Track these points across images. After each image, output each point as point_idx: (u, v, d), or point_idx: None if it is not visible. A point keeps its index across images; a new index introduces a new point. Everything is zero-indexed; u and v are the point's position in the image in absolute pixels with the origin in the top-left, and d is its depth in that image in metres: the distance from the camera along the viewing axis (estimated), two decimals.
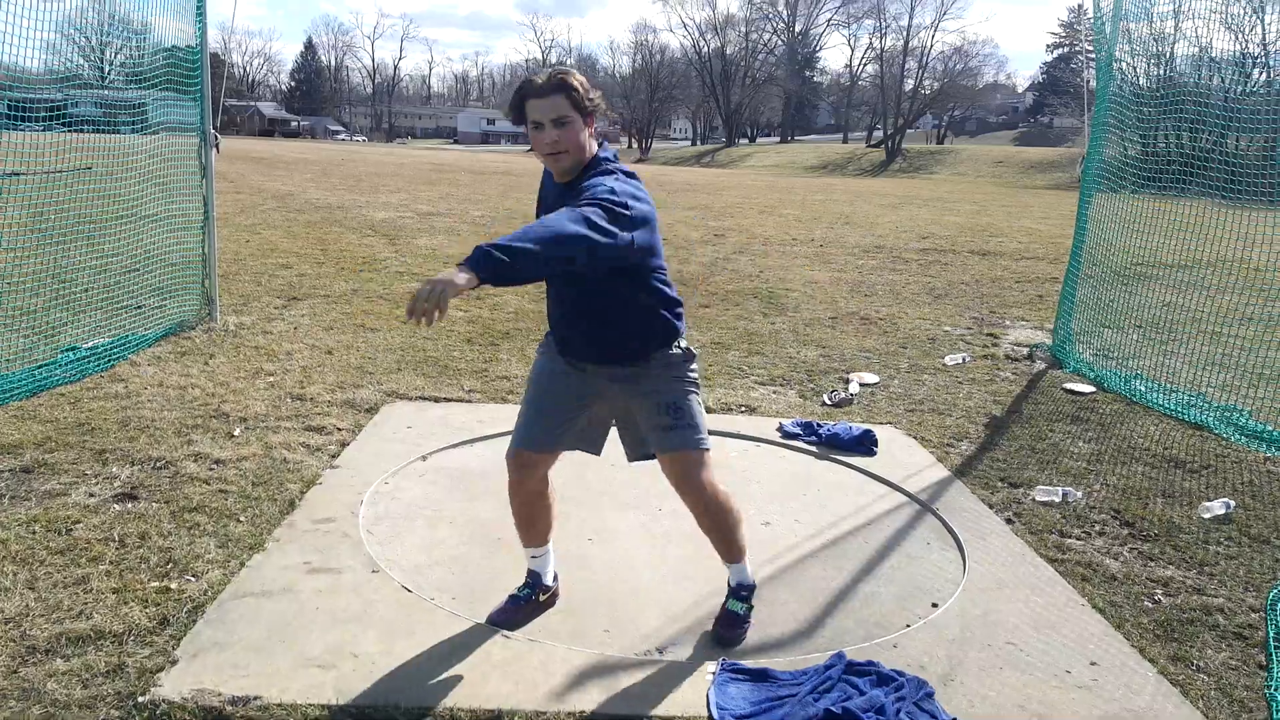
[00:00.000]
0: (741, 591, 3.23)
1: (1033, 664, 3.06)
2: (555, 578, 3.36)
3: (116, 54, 7.78)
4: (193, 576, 3.35)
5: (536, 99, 2.77)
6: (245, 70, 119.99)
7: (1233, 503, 4.53)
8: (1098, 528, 4.26)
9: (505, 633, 3.08)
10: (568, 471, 4.54)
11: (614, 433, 5.18)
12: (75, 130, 6.38)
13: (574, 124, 2.77)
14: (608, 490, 4.39)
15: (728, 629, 3.17)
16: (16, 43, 5.07)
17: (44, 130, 6.22)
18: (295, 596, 3.25)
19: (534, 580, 3.29)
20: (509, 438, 5.04)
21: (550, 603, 3.31)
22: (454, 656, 2.94)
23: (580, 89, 2.78)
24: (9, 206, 6.34)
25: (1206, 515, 4.41)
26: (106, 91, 7.35)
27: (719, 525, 3.16)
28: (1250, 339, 6.96)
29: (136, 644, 2.90)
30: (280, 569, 3.44)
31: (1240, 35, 7.74)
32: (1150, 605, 3.55)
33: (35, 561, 3.39)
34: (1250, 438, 5.59)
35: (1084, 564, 3.86)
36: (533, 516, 3.25)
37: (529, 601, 3.24)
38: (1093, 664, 3.08)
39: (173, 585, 3.27)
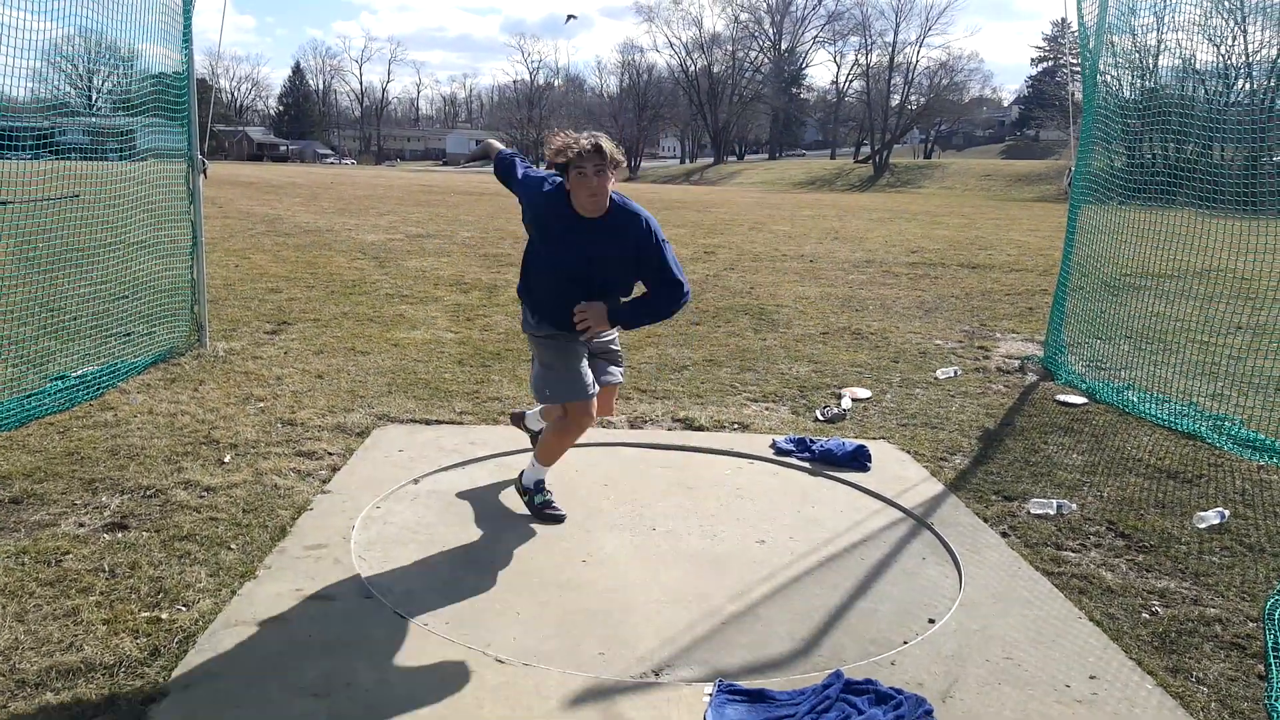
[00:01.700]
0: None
1: (1031, 679, 3.04)
2: None
3: (104, 81, 7.79)
4: (184, 606, 3.32)
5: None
6: (233, 95, 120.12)
7: (1227, 512, 4.53)
8: (1093, 539, 4.26)
9: (499, 657, 3.06)
10: (558, 492, 4.54)
11: (604, 453, 5.19)
12: (63, 158, 6.37)
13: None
14: (599, 511, 4.37)
15: None
16: (3, 71, 5.06)
17: (32, 158, 6.20)
18: (287, 624, 3.22)
19: None
20: (500, 459, 5.09)
21: None
22: (448, 682, 2.91)
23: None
24: None
25: (1201, 525, 4.41)
26: (94, 119, 7.35)
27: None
28: (1240, 347, 6.98)
29: (128, 676, 2.87)
30: (272, 596, 3.41)
31: (1222, 47, 7.80)
32: (1148, 617, 3.54)
33: (25, 593, 3.35)
34: (1243, 446, 5.59)
35: (1080, 576, 3.85)
36: None
37: None
38: (1092, 677, 3.07)
39: (164, 615, 3.24)
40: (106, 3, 5.98)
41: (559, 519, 4.25)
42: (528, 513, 4.30)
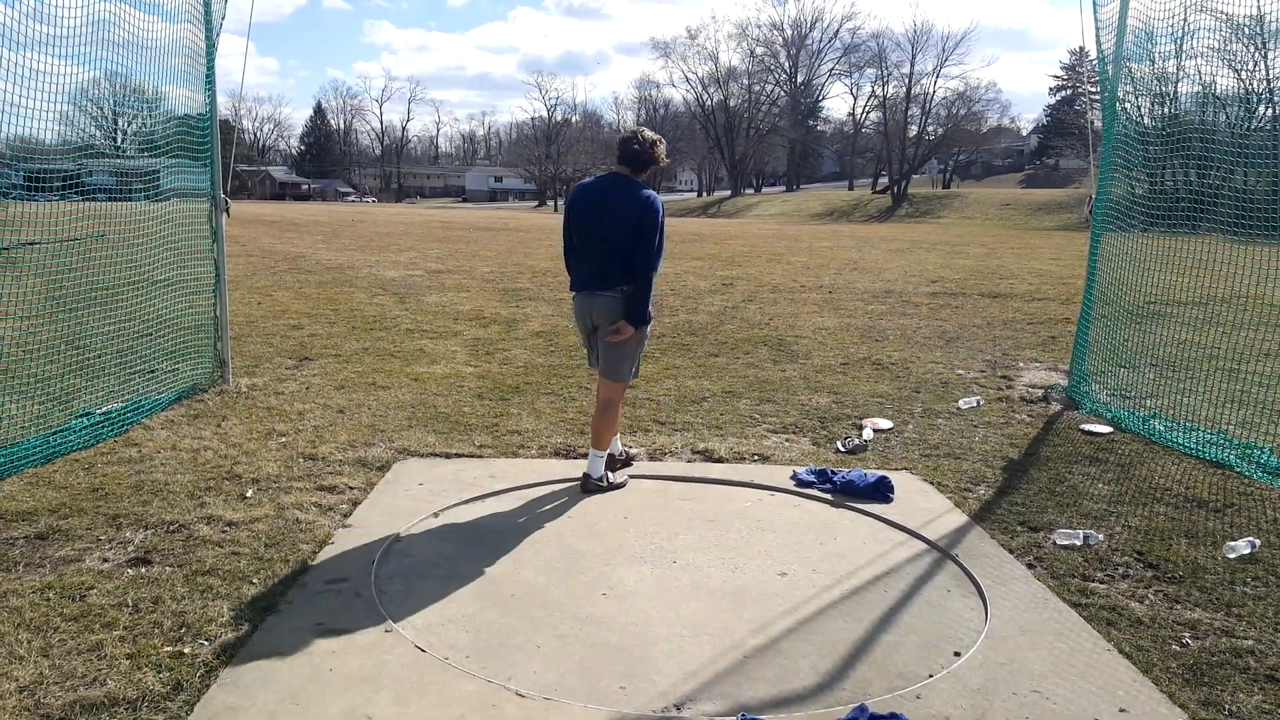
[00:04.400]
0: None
1: (1060, 713, 2.99)
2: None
3: (130, 123, 7.92)
4: (206, 640, 3.32)
5: None
6: (256, 135, 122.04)
7: (1258, 541, 4.46)
8: (1121, 570, 4.20)
9: (520, 691, 3.04)
10: (579, 525, 4.53)
11: (624, 486, 5.17)
12: (90, 199, 6.46)
13: None
14: (620, 544, 4.35)
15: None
16: (32, 114, 5.15)
17: (60, 200, 6.30)
18: (309, 658, 3.22)
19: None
20: (520, 492, 5.09)
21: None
22: (468, 717, 2.89)
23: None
24: (26, 275, 6.42)
25: (1232, 555, 4.34)
26: (120, 160, 7.46)
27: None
28: (1269, 374, 6.90)
29: (151, 710, 2.87)
30: (293, 630, 3.41)
31: (1243, 73, 7.79)
32: (1178, 649, 3.47)
33: (49, 629, 3.37)
34: (1273, 475, 5.51)
35: (1108, 608, 3.80)
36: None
37: None
38: (1122, 710, 3.01)
39: (186, 649, 3.24)
40: (132, 47, 6.09)
41: (634, 458, 5.60)
42: (547, 545, 4.29)
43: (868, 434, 6.34)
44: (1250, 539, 4.46)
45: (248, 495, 4.84)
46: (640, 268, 4.80)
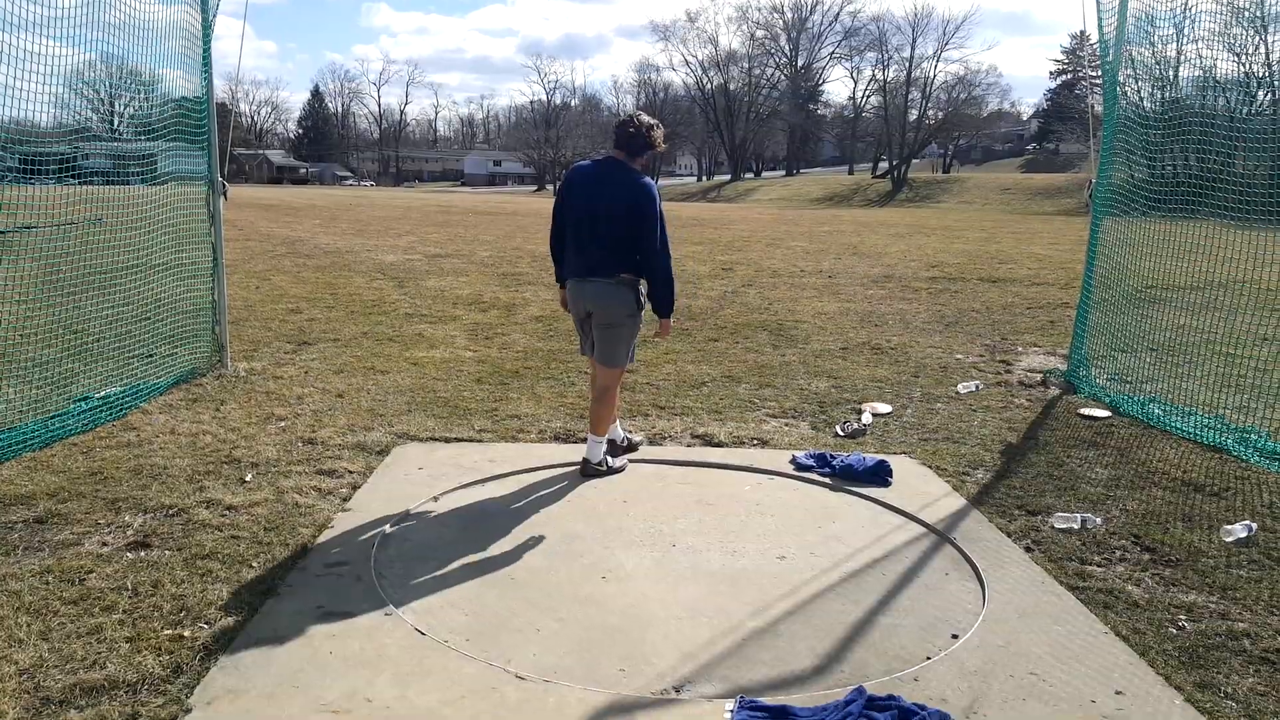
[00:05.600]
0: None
1: (1056, 695, 3.00)
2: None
3: (126, 106, 7.88)
4: (206, 624, 3.33)
5: None
6: (253, 119, 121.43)
7: (1254, 525, 4.47)
8: (1118, 554, 4.21)
9: (519, 673, 3.05)
10: (578, 509, 4.54)
11: (624, 470, 5.18)
12: (86, 183, 6.44)
13: None
14: (619, 528, 4.36)
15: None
16: (26, 97, 5.12)
17: (55, 183, 6.28)
18: (308, 641, 3.23)
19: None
20: (520, 476, 5.11)
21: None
22: (468, 699, 2.91)
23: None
24: (22, 259, 6.41)
25: (1228, 538, 4.35)
26: (116, 143, 7.44)
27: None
28: (1266, 359, 6.91)
29: (150, 693, 2.88)
30: (293, 614, 3.42)
31: (1244, 57, 7.75)
32: (1174, 631, 3.49)
33: (49, 612, 3.38)
34: (1269, 459, 5.52)
35: (1105, 591, 3.81)
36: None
37: None
38: (1118, 693, 3.03)
39: (186, 633, 3.25)
40: (128, 29, 6.06)
41: (638, 444, 5.53)
42: (546, 529, 4.30)
43: (866, 418, 6.35)
44: (1247, 522, 4.48)
45: (247, 479, 4.85)
46: (647, 258, 4.75)
